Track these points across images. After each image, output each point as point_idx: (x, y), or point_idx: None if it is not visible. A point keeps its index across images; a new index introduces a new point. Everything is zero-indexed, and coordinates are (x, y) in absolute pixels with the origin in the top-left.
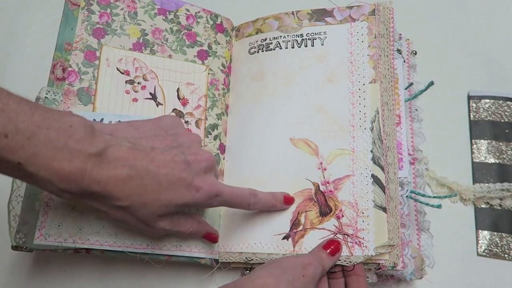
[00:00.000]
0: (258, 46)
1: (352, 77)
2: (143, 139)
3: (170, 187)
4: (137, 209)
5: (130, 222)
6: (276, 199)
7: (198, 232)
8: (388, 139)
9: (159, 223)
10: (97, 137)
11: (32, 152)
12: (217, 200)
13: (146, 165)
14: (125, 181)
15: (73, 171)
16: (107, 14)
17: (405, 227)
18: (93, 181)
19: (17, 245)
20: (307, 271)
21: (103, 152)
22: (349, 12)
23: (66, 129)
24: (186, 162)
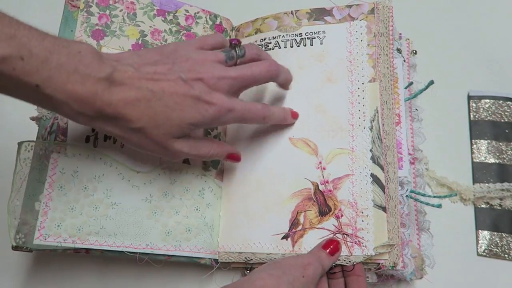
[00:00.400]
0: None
1: (352, 76)
2: (146, 65)
3: (178, 107)
4: (151, 130)
5: (148, 146)
6: (286, 113)
7: (219, 154)
8: (387, 138)
9: (176, 145)
10: (104, 62)
11: (47, 75)
12: (230, 115)
13: (151, 87)
14: (133, 103)
15: (86, 93)
16: (106, 16)
17: (405, 226)
18: (105, 103)
19: (17, 245)
20: (307, 272)
21: (110, 76)
22: (348, 11)
23: (76, 55)
24: (188, 85)
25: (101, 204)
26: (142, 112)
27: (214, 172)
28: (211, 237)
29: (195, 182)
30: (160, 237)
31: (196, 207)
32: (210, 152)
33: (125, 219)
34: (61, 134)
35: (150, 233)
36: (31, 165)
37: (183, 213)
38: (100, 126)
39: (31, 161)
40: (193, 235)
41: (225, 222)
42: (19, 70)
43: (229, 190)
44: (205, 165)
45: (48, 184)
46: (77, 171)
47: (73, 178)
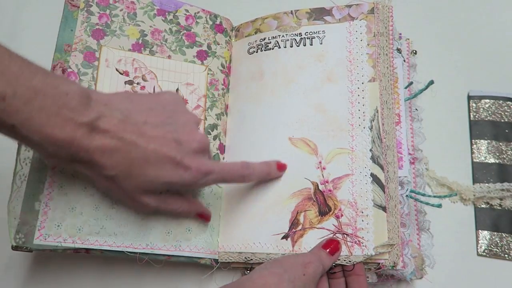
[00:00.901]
0: (257, 46)
1: (351, 76)
2: (137, 113)
3: (156, 164)
4: (122, 180)
5: (116, 193)
6: (270, 167)
7: (189, 212)
8: (387, 138)
9: (144, 198)
10: (91, 106)
11: (26, 117)
12: (209, 178)
13: (135, 139)
14: (112, 152)
15: (63, 138)
16: (107, 15)
17: (405, 226)
18: (81, 149)
19: (17, 245)
20: (308, 270)
21: (94, 122)
22: (348, 10)
23: (62, 97)
24: (178, 140)
25: (101, 204)
26: (118, 162)
27: None
28: (211, 237)
29: None
30: (160, 237)
31: None
32: (179, 209)
33: (125, 219)
34: None
35: (150, 233)
36: (31, 165)
37: None
38: (73, 168)
39: (31, 160)
40: (193, 235)
41: (225, 222)
42: None
43: (229, 190)
44: None
45: (48, 184)
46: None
47: (73, 178)
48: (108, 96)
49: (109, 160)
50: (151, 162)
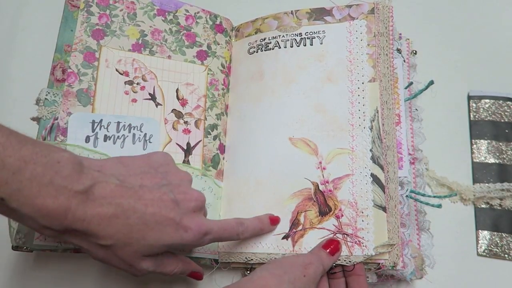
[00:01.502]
0: (257, 46)
1: (351, 76)
2: (131, 176)
3: (157, 227)
4: (120, 248)
5: (112, 262)
6: (263, 223)
7: (183, 272)
8: (387, 138)
9: (142, 264)
10: (84, 173)
11: (16, 187)
12: (207, 238)
13: (134, 204)
14: (110, 219)
15: (57, 208)
16: (106, 15)
17: (405, 226)
18: (77, 219)
19: (17, 245)
20: (308, 271)
21: (89, 189)
22: (348, 11)
23: (54, 165)
24: (175, 201)
25: None
26: (117, 229)
27: (214, 172)
28: None
29: (195, 182)
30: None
31: None
32: (175, 270)
33: None
34: (61, 134)
35: None
36: None
37: None
38: (66, 239)
39: None
40: None
41: None
42: None
43: (229, 190)
44: (205, 165)
45: None
46: None
47: None
48: (100, 162)
49: (106, 229)
50: (150, 226)
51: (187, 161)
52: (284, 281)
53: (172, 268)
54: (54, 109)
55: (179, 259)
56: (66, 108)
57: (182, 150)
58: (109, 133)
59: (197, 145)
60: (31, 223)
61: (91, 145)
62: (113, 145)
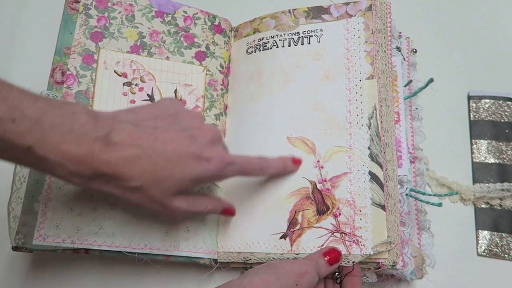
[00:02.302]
0: (255, 45)
1: (349, 74)
2: (144, 121)
3: (180, 162)
4: (150, 188)
5: (146, 204)
6: (285, 162)
7: (216, 209)
8: (386, 135)
9: (175, 202)
10: (100, 122)
11: (40, 135)
12: (231, 169)
13: (152, 144)
14: (134, 160)
15: (82, 153)
16: (105, 18)
17: (404, 225)
18: (102, 162)
19: (17, 245)
20: (301, 280)
21: (107, 136)
22: (346, 8)
23: (70, 115)
24: (191, 136)
25: (99, 205)
26: (143, 169)
27: None
28: (210, 237)
29: None
30: (159, 237)
31: None
32: (207, 207)
33: (124, 220)
34: None
35: (149, 233)
36: None
37: None
38: (96, 187)
39: None
40: (192, 235)
41: (224, 222)
42: (10, 132)
43: (228, 190)
44: None
45: (47, 185)
46: None
47: None
48: (111, 112)
49: (133, 170)
50: (174, 162)
51: None
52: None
53: (205, 205)
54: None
55: (210, 197)
56: None
57: None
58: None
59: None
60: (60, 171)
61: None
62: None
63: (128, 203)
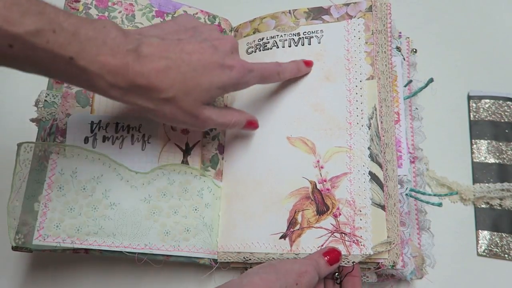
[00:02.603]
0: (255, 45)
1: (349, 74)
2: (168, 35)
3: (205, 71)
4: (182, 99)
5: (178, 117)
6: (298, 64)
7: (241, 121)
8: (386, 136)
9: (206, 112)
10: (129, 36)
11: (79, 47)
12: (251, 75)
13: (179, 54)
14: (165, 71)
15: (118, 64)
16: (105, 17)
17: (405, 225)
18: (137, 73)
19: (16, 245)
20: (301, 279)
21: (138, 48)
22: (346, 9)
23: (101, 29)
24: (213, 46)
25: (99, 205)
26: (174, 79)
27: (214, 173)
28: (210, 237)
29: (194, 183)
30: (158, 237)
31: (195, 207)
32: (234, 119)
33: (124, 219)
34: (60, 135)
35: (149, 233)
36: (30, 166)
37: (182, 213)
38: (132, 100)
39: (30, 162)
40: (192, 235)
41: (224, 222)
42: (53, 43)
43: (228, 190)
44: (203, 165)
45: (47, 185)
46: (76, 172)
47: (72, 179)
48: (136, 29)
49: (165, 80)
50: (200, 72)
51: (185, 162)
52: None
53: (231, 117)
54: (54, 111)
55: (234, 109)
56: (65, 110)
57: (180, 150)
58: (108, 134)
59: (196, 145)
60: (100, 82)
61: (90, 146)
62: (111, 146)
63: (162, 116)
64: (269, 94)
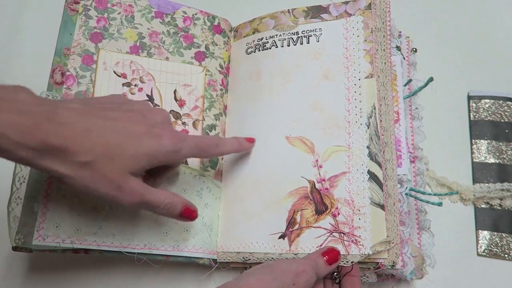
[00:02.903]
0: (255, 45)
1: (348, 73)
2: (93, 104)
3: (132, 138)
4: (103, 164)
5: (100, 186)
6: (239, 140)
7: (175, 205)
8: (385, 134)
9: (132, 183)
10: (43, 100)
11: None
12: (185, 145)
13: (103, 121)
14: (84, 133)
15: (27, 123)
16: (104, 19)
17: (404, 225)
18: (50, 133)
19: (17, 245)
20: (299, 279)
21: (54, 110)
22: (345, 7)
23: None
24: (142, 115)
25: (99, 205)
26: (94, 143)
27: (213, 173)
28: (209, 237)
29: (193, 183)
30: (158, 237)
31: None
32: (165, 200)
33: (123, 220)
34: None
35: (148, 233)
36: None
37: None
38: (45, 165)
39: None
40: (192, 235)
41: (224, 222)
42: None
43: (227, 190)
44: (203, 166)
45: (47, 185)
46: None
47: None
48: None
49: (84, 143)
50: (126, 137)
51: (185, 162)
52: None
53: (163, 197)
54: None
55: (168, 191)
56: None
57: None
58: None
59: None
60: (5, 142)
61: None
62: None
63: (83, 186)
64: (268, 93)
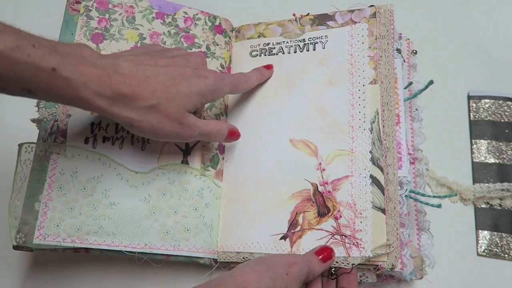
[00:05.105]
0: (260, 50)
1: (352, 79)
2: (139, 54)
3: (183, 79)
4: (166, 106)
5: (165, 125)
6: (261, 71)
7: (223, 131)
8: (387, 140)
9: (190, 119)
10: (103, 54)
11: (60, 59)
12: (224, 83)
13: (154, 67)
14: (145, 79)
15: (100, 74)
16: (106, 20)
17: (404, 226)
18: (119, 82)
19: (17, 244)
20: (291, 270)
21: (115, 62)
22: (351, 15)
23: (76, 48)
24: (184, 59)
25: (99, 204)
26: (154, 87)
27: (214, 172)
28: (210, 236)
29: (194, 182)
30: (158, 236)
31: (195, 207)
32: (216, 128)
33: (124, 219)
34: (60, 135)
35: (149, 232)
36: (31, 166)
37: (182, 212)
38: (118, 112)
39: (31, 162)
40: (192, 235)
41: (225, 222)
42: (34, 56)
43: (229, 190)
44: (204, 165)
45: (48, 184)
46: (76, 171)
47: (72, 179)
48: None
49: (146, 88)
50: (178, 80)
51: (185, 162)
52: (265, 278)
53: (214, 126)
54: (54, 111)
55: (217, 120)
56: (65, 110)
57: (180, 150)
58: (108, 134)
59: (196, 146)
60: (86, 92)
61: (90, 146)
62: (112, 146)
63: (149, 128)
64: (273, 96)
